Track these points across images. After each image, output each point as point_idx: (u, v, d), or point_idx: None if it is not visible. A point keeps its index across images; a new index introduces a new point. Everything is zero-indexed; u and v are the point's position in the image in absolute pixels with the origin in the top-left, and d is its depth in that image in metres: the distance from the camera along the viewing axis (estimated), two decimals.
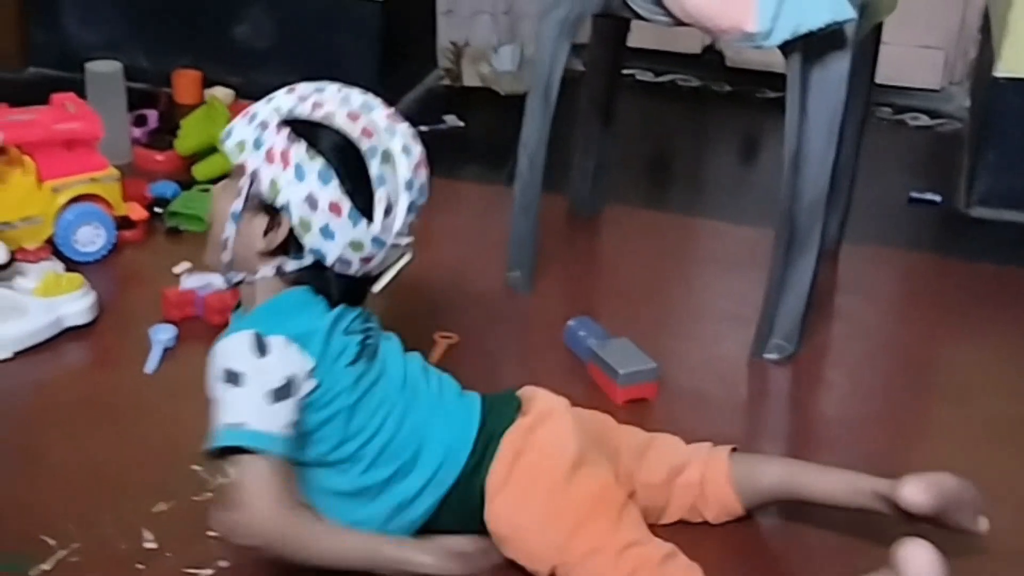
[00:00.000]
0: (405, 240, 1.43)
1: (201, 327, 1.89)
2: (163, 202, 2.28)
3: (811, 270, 1.92)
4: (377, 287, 1.47)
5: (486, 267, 2.20)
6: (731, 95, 3.29)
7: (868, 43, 2.14)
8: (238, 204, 1.39)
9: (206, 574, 1.42)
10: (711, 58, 3.38)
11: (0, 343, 1.81)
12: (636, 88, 3.23)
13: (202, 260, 1.50)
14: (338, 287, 1.41)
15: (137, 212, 2.17)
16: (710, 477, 1.52)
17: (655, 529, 1.46)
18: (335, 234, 1.37)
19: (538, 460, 1.42)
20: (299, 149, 1.36)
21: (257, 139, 1.38)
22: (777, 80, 2.03)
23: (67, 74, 2.72)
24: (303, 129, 1.37)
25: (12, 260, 1.93)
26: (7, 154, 2.03)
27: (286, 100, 1.40)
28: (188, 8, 2.91)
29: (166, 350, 1.85)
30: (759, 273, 2.00)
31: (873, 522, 1.49)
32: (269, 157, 1.37)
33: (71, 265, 2.03)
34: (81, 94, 2.30)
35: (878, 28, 2.17)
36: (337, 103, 1.39)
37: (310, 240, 1.37)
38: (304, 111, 1.38)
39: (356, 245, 1.38)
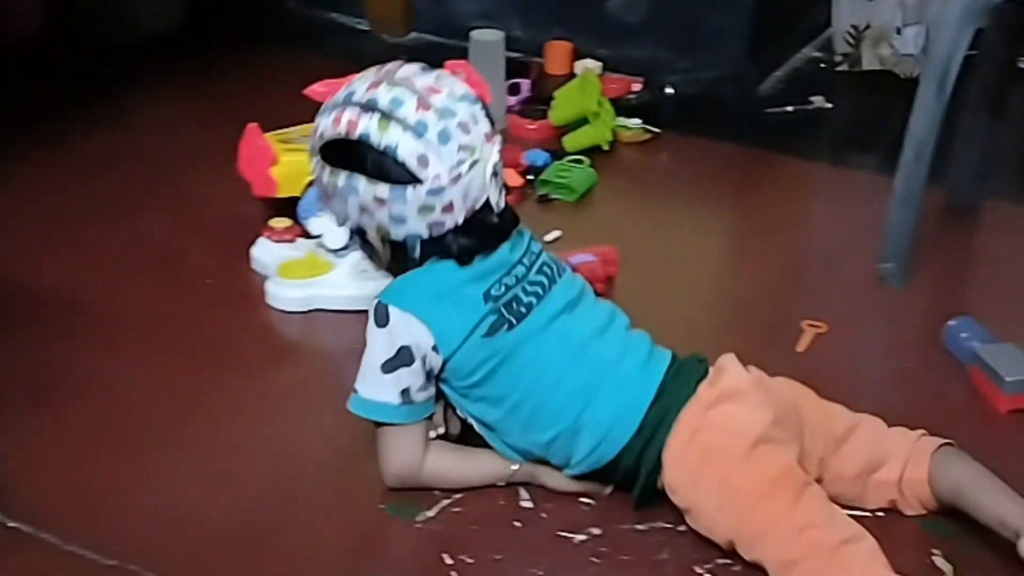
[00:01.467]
0: (468, 161, 1.40)
1: None
2: (535, 170, 2.34)
3: None
4: (500, 203, 1.45)
5: (855, 256, 2.13)
6: None
7: None
8: (343, 237, 1.57)
9: (579, 539, 1.45)
10: None
11: (358, 300, 1.82)
12: (1019, 76, 3.03)
13: None
14: (459, 244, 1.43)
15: (513, 179, 2.21)
16: (909, 478, 1.45)
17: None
18: (403, 216, 1.40)
19: (716, 437, 1.40)
20: (325, 174, 1.43)
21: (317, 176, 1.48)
22: None
23: (446, 40, 2.83)
24: (322, 155, 1.44)
25: None
26: None
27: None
28: None
29: None
30: None
31: None
32: (323, 192, 1.47)
33: None
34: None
35: None
36: (325, 114, 1.43)
37: (396, 234, 1.42)
38: (313, 141, 1.45)
39: (425, 208, 1.40)
